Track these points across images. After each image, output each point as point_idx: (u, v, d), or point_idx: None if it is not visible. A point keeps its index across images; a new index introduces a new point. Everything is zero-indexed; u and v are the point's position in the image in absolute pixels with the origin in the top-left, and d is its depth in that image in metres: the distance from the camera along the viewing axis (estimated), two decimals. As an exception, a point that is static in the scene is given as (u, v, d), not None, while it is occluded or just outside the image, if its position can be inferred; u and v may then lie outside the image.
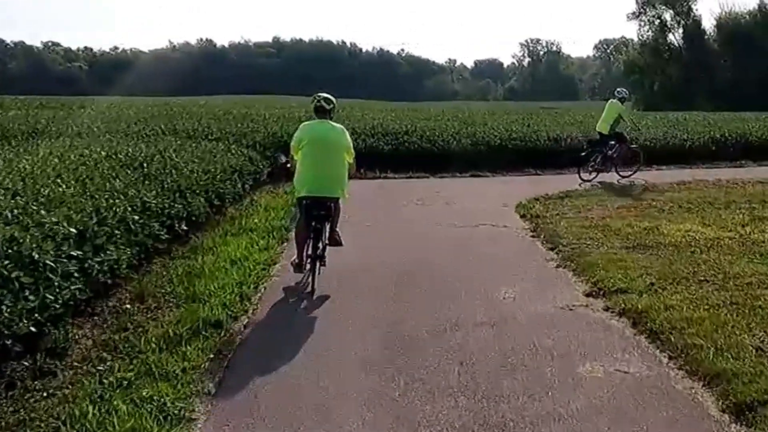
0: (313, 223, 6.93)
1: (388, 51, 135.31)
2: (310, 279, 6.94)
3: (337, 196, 7.06)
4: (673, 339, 5.43)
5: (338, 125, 7.25)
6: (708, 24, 65.63)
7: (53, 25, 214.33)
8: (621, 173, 14.93)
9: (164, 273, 7.50)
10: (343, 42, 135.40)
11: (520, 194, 12.03)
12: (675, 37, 65.35)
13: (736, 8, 62.90)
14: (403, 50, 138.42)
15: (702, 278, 6.90)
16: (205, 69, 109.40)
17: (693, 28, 63.43)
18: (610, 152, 14.64)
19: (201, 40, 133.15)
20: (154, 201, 7.96)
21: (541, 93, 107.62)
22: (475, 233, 9.48)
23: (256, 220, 9.87)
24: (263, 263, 7.84)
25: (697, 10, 65.40)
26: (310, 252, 6.99)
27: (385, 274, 7.48)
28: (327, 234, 7.09)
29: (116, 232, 6.66)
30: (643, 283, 6.77)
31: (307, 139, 6.95)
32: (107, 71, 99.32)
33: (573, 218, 9.96)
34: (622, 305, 6.27)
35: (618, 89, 15.13)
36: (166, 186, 8.74)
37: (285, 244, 8.89)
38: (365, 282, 7.24)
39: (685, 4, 63.65)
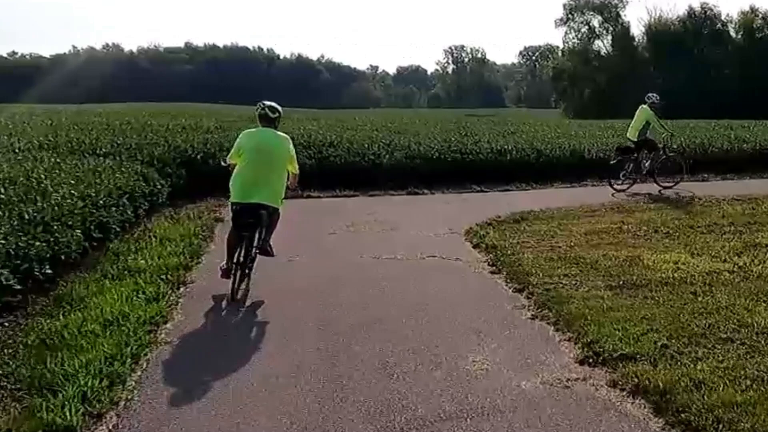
0: (241, 230, 6.68)
1: (307, 57, 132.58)
2: (234, 287, 6.62)
3: (271, 204, 6.81)
4: (723, 439, 3.86)
5: (282, 134, 7.09)
6: (637, 31, 66.76)
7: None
8: (661, 184, 13.74)
9: (10, 341, 5.50)
10: (260, 47, 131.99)
11: (467, 216, 10.39)
12: (603, 44, 66.24)
13: (665, 14, 63.95)
14: (322, 56, 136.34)
15: (723, 335, 5.38)
16: (113, 75, 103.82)
17: (622, 35, 64.28)
18: (643, 161, 13.51)
19: (107, 45, 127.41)
20: (2, 240, 5.99)
21: (467, 100, 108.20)
22: (423, 270, 7.73)
23: (147, 257, 7.81)
24: (150, 322, 5.89)
25: (625, 16, 66.66)
26: (240, 259, 6.67)
27: (311, 336, 5.68)
28: (258, 242, 6.87)
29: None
30: (651, 345, 5.20)
31: (248, 145, 6.84)
32: (4, 78, 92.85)
33: (536, 248, 8.35)
34: (634, 379, 4.68)
35: (648, 94, 13.95)
36: (26, 218, 6.84)
37: (182, 289, 6.93)
38: (287, 352, 5.38)
39: (613, 10, 64.61)
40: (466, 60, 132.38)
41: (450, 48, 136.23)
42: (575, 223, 9.84)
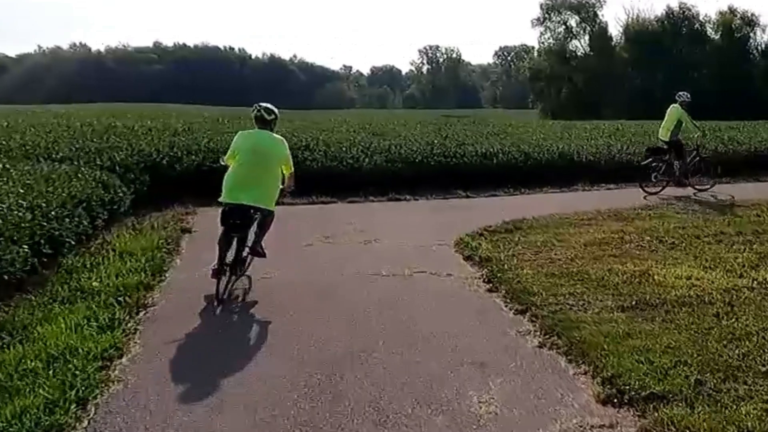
0: (230, 231, 6.57)
1: (279, 57, 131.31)
2: (222, 287, 6.48)
3: (262, 206, 6.73)
4: None
5: (278, 136, 7.03)
6: (615, 31, 66.47)
7: None
8: (696, 186, 13.30)
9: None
10: (231, 47, 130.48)
11: (456, 225, 9.67)
12: (581, 44, 65.89)
13: (643, 14, 63.58)
14: (295, 56, 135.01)
15: (762, 367, 4.73)
16: (80, 75, 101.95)
17: (599, 35, 63.92)
18: (675, 162, 13.03)
19: (74, 44, 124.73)
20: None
21: (442, 101, 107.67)
22: (411, 288, 6.95)
23: (103, 275, 6.97)
24: (101, 356, 5.06)
25: (603, 16, 66.33)
26: (229, 260, 6.57)
27: (289, 371, 4.92)
28: (249, 243, 6.84)
29: None
30: (683, 381, 4.52)
31: (243, 146, 6.79)
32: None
33: (534, 261, 7.65)
34: (671, 427, 4.01)
35: (679, 93, 13.48)
36: (-38, 234, 6.01)
37: (142, 314, 6.11)
38: (259, 393, 4.60)
39: (590, 10, 64.30)
40: (441, 60, 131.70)
41: (425, 48, 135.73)
42: (572, 232, 9.12)
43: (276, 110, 7.01)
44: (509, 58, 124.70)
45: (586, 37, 65.02)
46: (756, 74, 57.16)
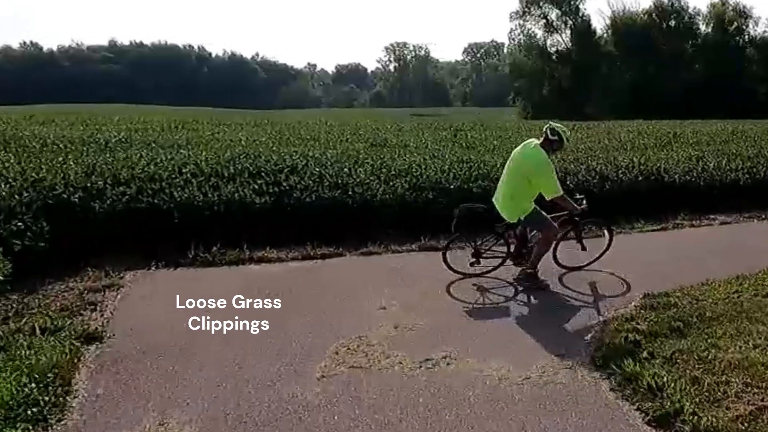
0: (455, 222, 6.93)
1: (240, 55, 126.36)
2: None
3: (506, 216, 6.84)
4: None
5: (535, 153, 6.67)
6: (598, 24, 63.49)
7: None
8: None
9: None
10: (190, 45, 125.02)
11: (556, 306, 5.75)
12: (562, 38, 62.46)
13: (629, 7, 60.39)
14: (257, 54, 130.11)
15: None
16: (31, 76, 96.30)
17: (582, 29, 60.64)
18: None
19: (25, 43, 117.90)
20: None
21: (411, 99, 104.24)
22: None
23: None
24: None
25: (585, 9, 63.19)
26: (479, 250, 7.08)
27: None
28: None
29: None
30: None
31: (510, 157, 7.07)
32: None
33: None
34: None
35: None
36: None
37: None
38: None
39: (572, 3, 61.02)
40: (409, 57, 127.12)
41: (392, 45, 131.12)
42: (749, 319, 5.18)
43: (560, 131, 6.65)
44: (479, 54, 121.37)
45: (567, 32, 61.54)
46: (750, 69, 54.42)
